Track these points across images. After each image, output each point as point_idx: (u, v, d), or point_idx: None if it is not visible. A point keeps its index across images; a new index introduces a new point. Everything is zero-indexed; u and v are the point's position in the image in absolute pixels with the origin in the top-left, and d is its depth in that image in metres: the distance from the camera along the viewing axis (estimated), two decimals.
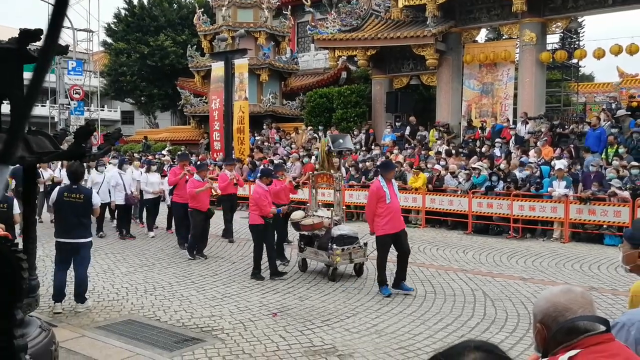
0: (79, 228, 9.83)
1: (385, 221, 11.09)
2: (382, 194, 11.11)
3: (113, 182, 17.73)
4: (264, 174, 13.45)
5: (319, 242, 12.86)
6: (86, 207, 9.88)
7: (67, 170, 10.40)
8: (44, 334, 4.81)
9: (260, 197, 12.69)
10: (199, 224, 15.06)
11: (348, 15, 30.37)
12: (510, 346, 8.25)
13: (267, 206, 12.70)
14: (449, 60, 27.74)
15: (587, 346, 2.57)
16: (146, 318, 9.72)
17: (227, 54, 26.25)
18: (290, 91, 39.45)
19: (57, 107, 43.04)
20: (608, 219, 16.60)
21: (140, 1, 50.02)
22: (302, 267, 13.39)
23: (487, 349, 2.08)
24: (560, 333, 2.64)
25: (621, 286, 11.52)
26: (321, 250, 12.67)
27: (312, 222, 13.17)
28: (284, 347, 8.25)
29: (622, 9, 23.83)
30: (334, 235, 12.52)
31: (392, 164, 13.45)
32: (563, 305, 2.68)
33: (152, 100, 50.60)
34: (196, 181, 15.22)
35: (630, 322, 3.19)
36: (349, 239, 12.61)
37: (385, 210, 11.09)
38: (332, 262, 12.29)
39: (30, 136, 4.51)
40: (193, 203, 15.11)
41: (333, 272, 12.45)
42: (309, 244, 13.20)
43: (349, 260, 12.54)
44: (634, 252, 4.06)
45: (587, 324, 2.63)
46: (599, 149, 19.96)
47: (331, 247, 12.30)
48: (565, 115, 27.90)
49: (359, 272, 12.80)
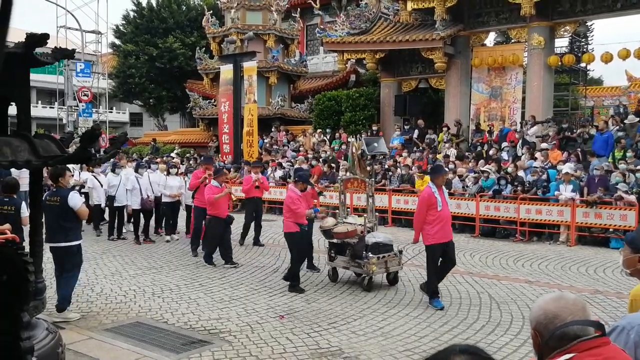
0: (59, 232, 9.58)
1: (435, 230, 10.48)
2: (434, 201, 10.49)
3: (129, 186, 17.38)
4: (300, 179, 12.67)
5: (353, 251, 12.05)
6: (63, 211, 9.57)
7: (48, 172, 10.16)
8: (51, 336, 4.85)
9: (294, 202, 11.98)
10: (217, 232, 14.31)
11: (357, 18, 30.38)
12: (514, 349, 8.28)
13: (300, 210, 12.03)
14: (457, 63, 27.73)
15: (582, 350, 2.62)
16: (154, 320, 9.75)
17: (235, 56, 26.37)
18: (299, 94, 39.49)
19: (66, 109, 43.18)
20: (614, 223, 16.58)
21: (149, 3, 50.08)
22: (333, 277, 12.69)
23: (471, 352, 2.14)
24: (552, 339, 2.70)
25: (626, 289, 11.50)
26: (355, 259, 11.98)
27: (347, 230, 12.33)
28: (291, 349, 8.28)
29: (630, 12, 23.79)
30: (368, 242, 11.91)
31: (442, 168, 12.58)
32: (553, 312, 2.75)
33: (161, 102, 50.68)
34: (214, 187, 14.42)
35: (630, 326, 3.22)
36: (385, 246, 12.01)
37: (436, 219, 10.47)
38: (368, 271, 11.63)
39: (37, 140, 4.55)
40: (212, 210, 14.41)
41: (369, 282, 11.77)
42: (340, 252, 12.45)
43: (385, 269, 11.94)
44: (634, 257, 4.10)
45: (578, 329, 2.68)
46: (607, 153, 19.95)
47: (366, 255, 11.64)
48: (573, 119, 27.88)
49: (394, 281, 12.21)
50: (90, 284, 12.18)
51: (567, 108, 30.69)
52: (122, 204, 17.58)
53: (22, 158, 4.29)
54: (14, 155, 4.23)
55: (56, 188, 9.80)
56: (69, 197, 9.64)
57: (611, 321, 8.94)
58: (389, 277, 12.23)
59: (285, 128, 34.27)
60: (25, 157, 4.31)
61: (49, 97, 65.97)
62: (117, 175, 17.89)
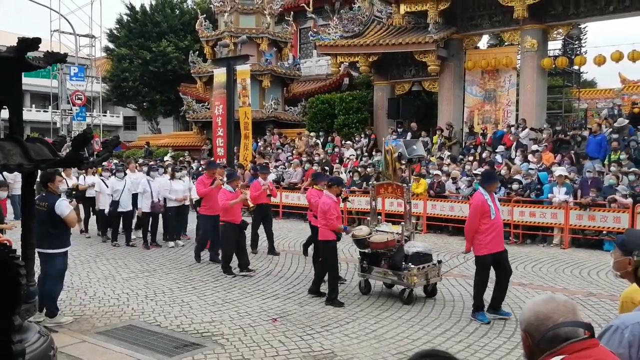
0: (45, 237, 9.38)
1: (489, 239, 9.93)
2: (487, 209, 9.94)
3: (140, 189, 17.05)
4: (334, 183, 11.78)
5: (391, 261, 11.28)
6: (50, 217, 9.47)
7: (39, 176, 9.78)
8: (43, 339, 4.85)
9: (330, 209, 11.22)
10: (231, 239, 13.74)
11: (350, 21, 30.44)
12: (508, 351, 8.31)
13: (334, 219, 11.27)
14: (450, 66, 27.78)
15: (572, 352, 2.64)
16: (147, 323, 9.75)
17: (229, 60, 26.25)
18: (293, 97, 39.52)
19: (59, 112, 43.08)
20: (608, 225, 16.64)
21: (143, 7, 50.06)
22: (365, 289, 11.86)
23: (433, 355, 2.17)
24: (543, 341, 2.73)
25: (619, 292, 11.44)
26: (393, 270, 11.22)
27: (386, 239, 11.46)
28: (283, 352, 8.29)
29: (622, 15, 23.86)
30: (408, 252, 11.24)
31: (496, 174, 12.04)
32: (544, 314, 2.77)
33: (155, 106, 50.64)
34: (228, 192, 13.80)
35: (623, 325, 3.24)
36: (425, 256, 11.37)
37: (490, 227, 9.92)
38: (409, 283, 10.92)
39: (29, 143, 4.56)
40: (225, 216, 13.76)
41: (409, 294, 11.07)
42: (375, 263, 11.59)
43: (426, 281, 11.22)
44: (625, 259, 4.13)
45: (568, 331, 2.70)
46: (600, 155, 20.02)
47: (406, 266, 10.99)
48: (566, 121, 27.94)
49: (432, 293, 11.49)
50: (84, 287, 12.18)
51: (561, 110, 30.76)
52: (126, 209, 17.32)
53: (14, 161, 4.29)
54: (5, 158, 4.24)
55: (45, 193, 9.72)
56: (57, 204, 9.55)
57: (604, 324, 8.97)
58: (427, 289, 11.50)
59: (279, 131, 34.28)
60: (17, 160, 4.32)
61: (42, 101, 65.97)
62: (121, 180, 17.53)
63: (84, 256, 15.40)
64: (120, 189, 17.34)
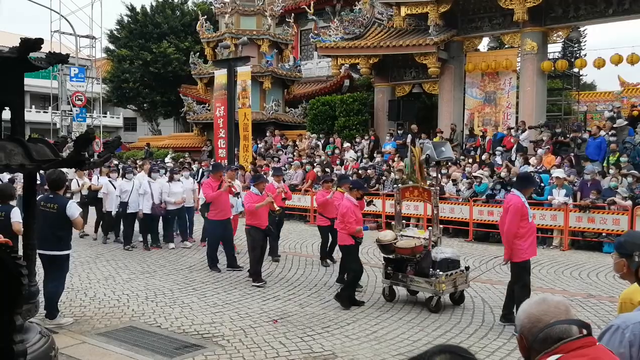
0: (52, 239, 9.41)
1: (528, 243, 9.52)
2: (525, 212, 9.53)
3: (142, 191, 16.91)
4: (356, 186, 11.73)
5: (418, 268, 10.88)
6: (59, 219, 9.45)
7: (47, 178, 9.89)
8: (44, 340, 4.85)
9: (348, 212, 11.05)
10: (258, 244, 12.93)
11: (351, 23, 30.46)
12: (507, 352, 8.32)
13: (352, 223, 11.05)
14: (451, 68, 27.84)
15: (568, 351, 2.66)
16: (147, 325, 9.76)
17: (229, 61, 26.28)
18: (293, 99, 39.51)
19: (59, 113, 43.07)
20: (607, 227, 16.67)
21: (143, 8, 50.05)
22: (389, 296, 11.43)
23: (452, 351, 2.18)
24: (536, 343, 2.76)
25: (618, 293, 11.42)
26: (420, 276, 10.81)
27: (414, 245, 11.00)
28: (284, 353, 8.30)
29: (622, 18, 23.90)
30: (436, 258, 10.82)
31: (533, 177, 11.66)
32: (536, 316, 2.81)
33: (155, 107, 50.65)
34: (254, 195, 13.08)
35: (624, 325, 3.25)
36: (453, 262, 10.98)
37: (528, 231, 9.55)
38: (438, 291, 10.48)
39: (31, 144, 4.57)
40: (251, 220, 12.98)
41: (437, 302, 10.62)
42: (400, 269, 11.17)
43: (454, 288, 10.83)
44: (621, 261, 4.19)
45: (560, 331, 2.73)
46: (599, 158, 20.04)
47: (434, 273, 10.55)
48: (566, 123, 27.96)
49: (459, 300, 11.13)
50: (84, 288, 12.18)
51: (560, 113, 30.75)
52: (135, 210, 17.11)
53: (16, 162, 4.30)
54: (8, 158, 4.25)
55: (53, 194, 9.66)
56: (68, 206, 9.56)
57: (603, 325, 8.97)
58: (454, 296, 11.12)
59: (281, 132, 34.27)
60: (19, 160, 4.32)
61: (42, 102, 65.88)
62: (130, 181, 17.38)
63: (84, 257, 15.41)
64: (129, 189, 17.19)
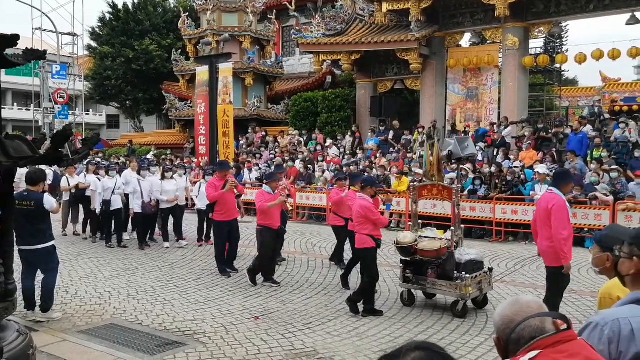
0: (36, 234, 9.52)
1: (569, 245, 8.53)
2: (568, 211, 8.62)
3: (131, 189, 16.72)
4: (368, 184, 10.79)
5: (441, 270, 10.25)
6: (39, 213, 9.50)
7: (26, 174, 9.97)
8: (22, 338, 4.83)
9: (372, 211, 10.26)
10: (269, 244, 12.48)
11: (332, 19, 30.48)
12: (489, 349, 8.32)
13: (380, 218, 10.45)
14: (432, 64, 27.90)
15: (545, 347, 2.66)
16: (128, 322, 9.73)
17: (211, 58, 26.25)
18: (275, 95, 39.54)
19: (42, 111, 42.88)
20: (589, 222, 16.71)
21: (125, 5, 49.76)
22: (408, 301, 10.83)
23: (425, 348, 2.19)
24: (511, 344, 2.78)
25: (600, 288, 11.57)
26: (443, 279, 10.20)
27: (439, 247, 10.34)
28: (265, 350, 8.29)
29: (603, 14, 24.05)
30: (461, 260, 10.27)
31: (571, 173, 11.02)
32: (509, 317, 2.84)
33: (137, 104, 50.42)
34: (266, 194, 12.60)
35: (603, 322, 3.25)
36: (477, 264, 10.45)
37: (569, 232, 8.56)
38: (464, 294, 9.92)
39: (8, 141, 4.53)
40: (263, 220, 12.49)
41: (464, 306, 10.03)
42: (419, 272, 10.52)
43: (479, 291, 10.28)
44: (603, 255, 4.19)
45: (533, 330, 2.74)
46: (581, 153, 20.13)
47: (459, 275, 9.98)
48: (548, 119, 28.09)
49: (483, 303, 10.55)
50: (65, 286, 12.11)
51: (542, 108, 30.93)
52: (118, 207, 16.98)
53: None
54: None
55: (27, 191, 9.65)
56: (45, 200, 9.59)
57: (585, 320, 9.00)
58: (478, 299, 10.50)
59: (264, 129, 34.23)
60: None
61: (25, 100, 65.56)
62: (112, 178, 17.18)
63: (66, 255, 15.30)
64: (112, 187, 17.02)
